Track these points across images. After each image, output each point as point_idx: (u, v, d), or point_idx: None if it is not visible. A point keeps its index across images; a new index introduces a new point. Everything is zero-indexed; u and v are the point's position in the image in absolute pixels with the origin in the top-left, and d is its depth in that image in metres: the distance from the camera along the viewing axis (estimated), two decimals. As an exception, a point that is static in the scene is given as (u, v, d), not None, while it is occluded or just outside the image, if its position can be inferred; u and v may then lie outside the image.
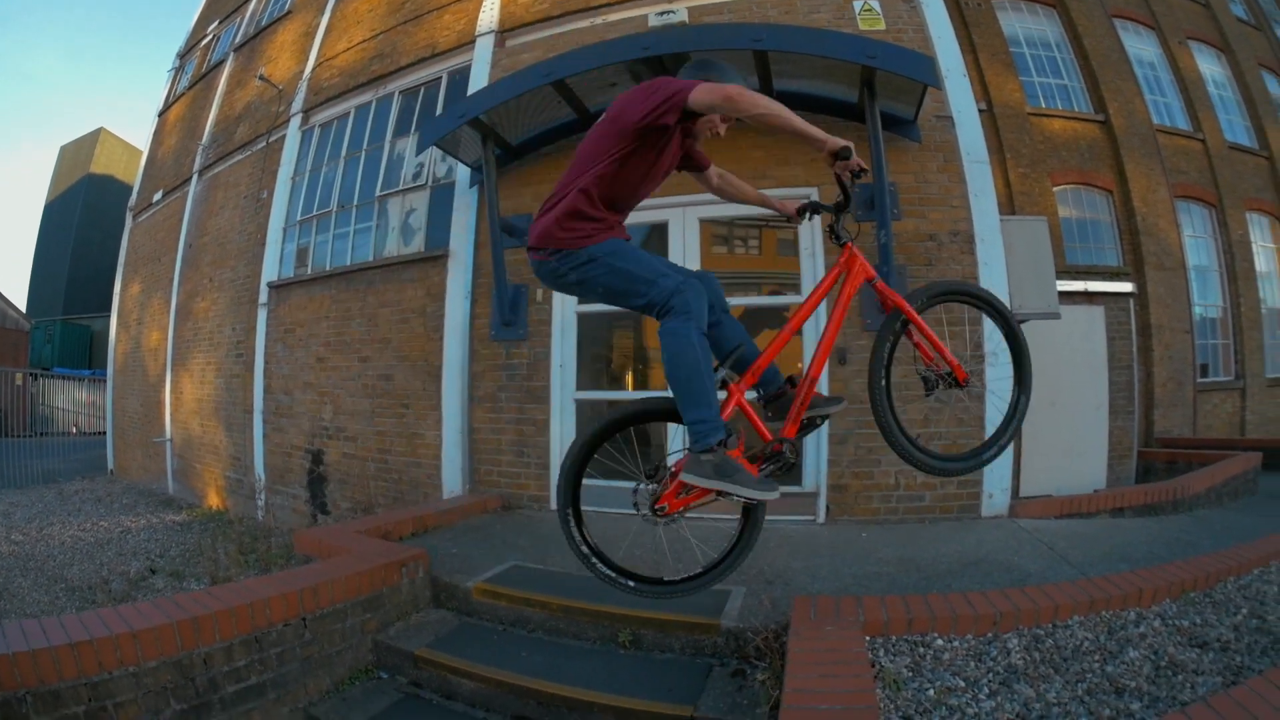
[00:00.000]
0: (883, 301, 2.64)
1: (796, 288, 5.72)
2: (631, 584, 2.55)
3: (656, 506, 2.44)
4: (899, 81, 5.12)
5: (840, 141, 2.23)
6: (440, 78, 7.69)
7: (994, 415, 4.86)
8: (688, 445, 2.33)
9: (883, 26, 6.09)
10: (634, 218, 6.30)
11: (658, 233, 6.11)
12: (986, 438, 2.95)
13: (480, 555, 4.22)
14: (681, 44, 5.26)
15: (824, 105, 5.78)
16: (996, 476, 5.20)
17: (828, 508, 5.38)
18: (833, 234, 2.65)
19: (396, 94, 8.07)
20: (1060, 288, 7.31)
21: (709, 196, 5.87)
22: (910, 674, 2.42)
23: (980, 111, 9.75)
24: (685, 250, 5.99)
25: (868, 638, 2.62)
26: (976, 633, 2.68)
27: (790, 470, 2.50)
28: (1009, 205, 9.49)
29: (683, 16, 6.39)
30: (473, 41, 7.22)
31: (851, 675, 2.23)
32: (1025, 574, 3.56)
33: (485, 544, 4.53)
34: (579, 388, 6.17)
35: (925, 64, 5.07)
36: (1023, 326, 2.89)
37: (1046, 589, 2.96)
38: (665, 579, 2.57)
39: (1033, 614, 2.76)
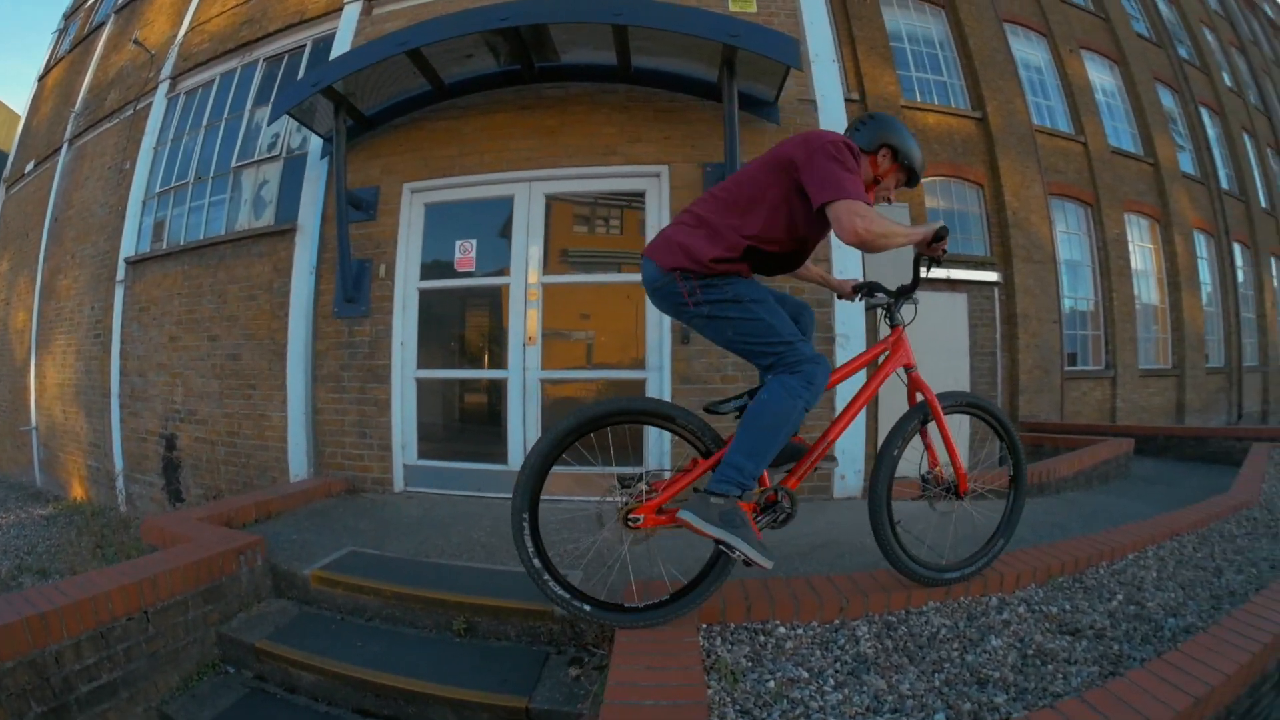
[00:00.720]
0: (911, 390, 2.61)
1: (633, 260, 5.64)
2: (588, 609, 2.37)
3: (631, 517, 2.30)
4: (760, 62, 5.06)
5: (935, 225, 2.28)
6: (305, 45, 7.44)
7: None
8: (705, 485, 2.23)
9: (754, 9, 6.06)
10: (475, 192, 6.20)
11: (499, 208, 5.96)
12: (981, 545, 2.90)
13: (320, 541, 4.06)
14: (539, 15, 5.11)
15: (684, 84, 5.72)
16: (849, 458, 5.16)
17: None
18: (887, 314, 2.63)
19: (261, 61, 7.80)
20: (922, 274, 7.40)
21: (558, 170, 5.83)
22: (750, 664, 2.23)
23: (853, 101, 9.98)
24: (529, 229, 5.85)
25: (704, 625, 2.46)
26: (822, 619, 2.52)
27: (785, 524, 2.44)
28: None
29: None
30: (340, 9, 7.01)
31: (679, 667, 2.06)
32: (879, 557, 3.47)
33: (326, 530, 4.36)
34: (420, 366, 5.99)
35: (788, 45, 5.01)
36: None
37: (898, 574, 2.78)
38: (626, 605, 2.40)
39: (883, 600, 2.61)
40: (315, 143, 6.54)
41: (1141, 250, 12.45)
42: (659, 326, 5.52)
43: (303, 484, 5.62)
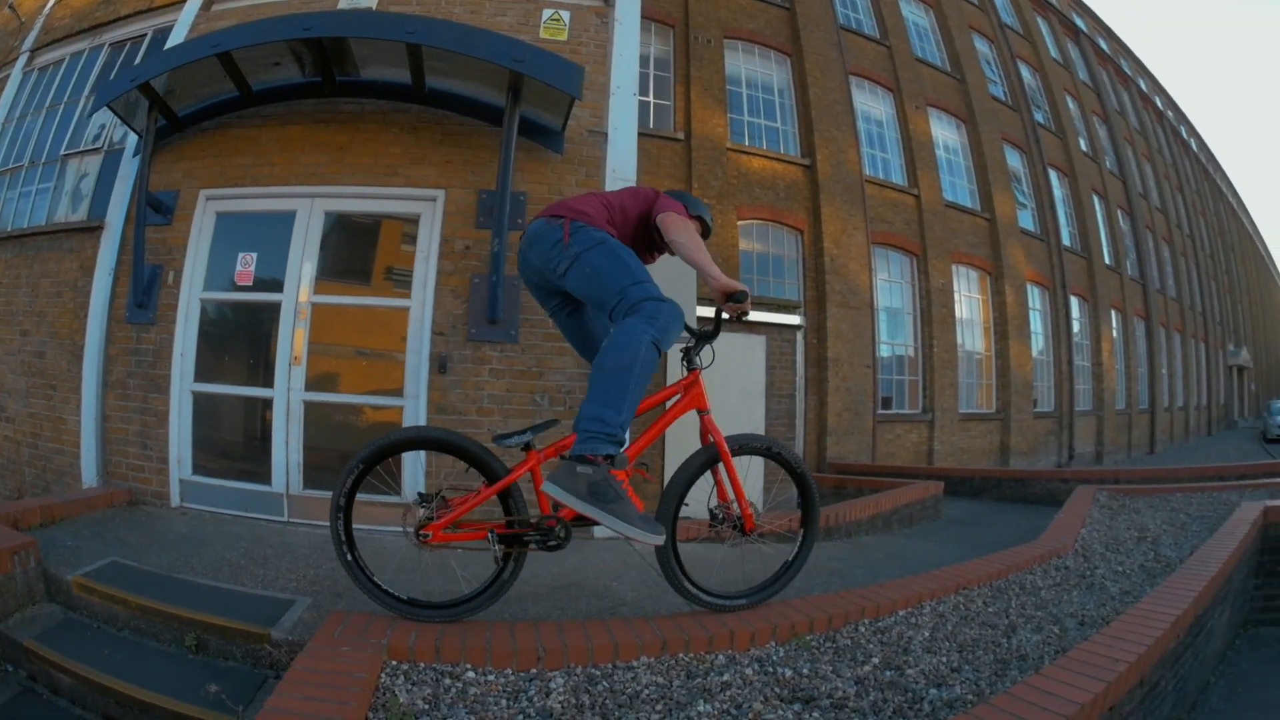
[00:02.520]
0: (703, 432, 2.60)
1: (408, 286, 5.48)
2: (392, 601, 2.47)
3: (421, 533, 2.35)
4: (546, 90, 4.97)
5: (737, 286, 2.38)
6: (146, 34, 7.09)
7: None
8: (571, 451, 2.16)
9: (564, 38, 5.97)
10: (261, 204, 5.96)
11: (282, 223, 5.75)
12: (769, 575, 2.84)
13: (90, 549, 3.98)
14: (340, 28, 5.00)
15: (476, 108, 5.60)
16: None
17: None
18: (685, 356, 2.62)
19: (106, 46, 7.39)
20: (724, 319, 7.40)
21: (341, 188, 5.65)
22: (426, 707, 2.06)
23: (678, 140, 10.18)
24: (306, 246, 5.65)
25: (394, 662, 2.31)
26: (518, 667, 2.31)
27: (555, 549, 2.47)
28: None
29: (372, 4, 6.19)
30: (184, 1, 6.77)
31: (336, 701, 1.92)
32: (619, 601, 3.17)
33: (99, 538, 4.28)
34: (198, 379, 5.72)
35: (572, 74, 4.94)
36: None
37: (613, 624, 2.55)
38: (425, 602, 2.50)
39: (584, 651, 2.35)
40: (132, 139, 6.23)
41: (969, 300, 12.94)
42: (418, 353, 5.38)
43: (89, 492, 5.34)
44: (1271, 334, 50.93)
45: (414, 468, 5.16)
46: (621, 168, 5.77)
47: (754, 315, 7.89)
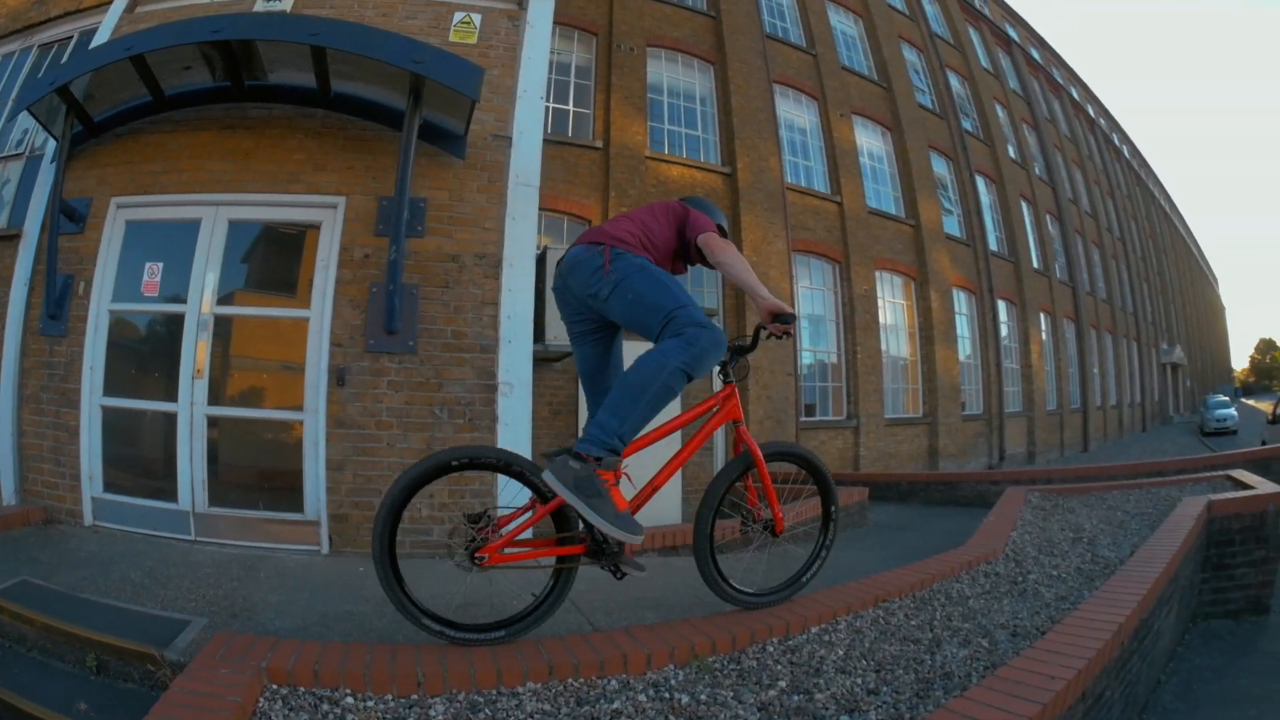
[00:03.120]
0: (736, 440, 2.70)
1: (307, 294, 5.27)
2: (436, 626, 2.38)
3: (477, 555, 2.30)
4: (446, 93, 4.81)
5: (785, 307, 2.50)
6: (73, 36, 6.82)
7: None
8: (576, 446, 2.25)
9: (474, 41, 5.79)
10: (169, 212, 5.74)
11: (186, 232, 5.53)
12: (793, 573, 2.97)
13: (2, 569, 3.87)
14: (247, 31, 4.81)
15: (381, 113, 5.42)
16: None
17: (330, 539, 4.91)
18: (722, 370, 2.70)
19: (35, 47, 7.09)
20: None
21: (245, 195, 5.42)
22: None
23: (595, 149, 10.11)
24: (210, 255, 5.43)
25: (274, 685, 2.20)
26: (398, 693, 2.21)
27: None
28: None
29: (286, 6, 5.99)
30: (111, 1, 6.49)
31: None
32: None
33: (12, 557, 4.18)
34: (107, 393, 5.47)
35: (471, 76, 4.78)
36: (567, 358, 2.69)
37: (499, 648, 2.44)
38: (466, 624, 2.42)
39: (465, 677, 2.24)
40: (52, 145, 5.97)
41: (894, 306, 13.08)
42: (317, 366, 5.18)
43: (5, 510, 5.11)
44: (1205, 332, 52.77)
45: (316, 485, 4.99)
46: (526, 173, 5.61)
47: None
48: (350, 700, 2.16)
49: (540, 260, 5.79)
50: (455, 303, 5.01)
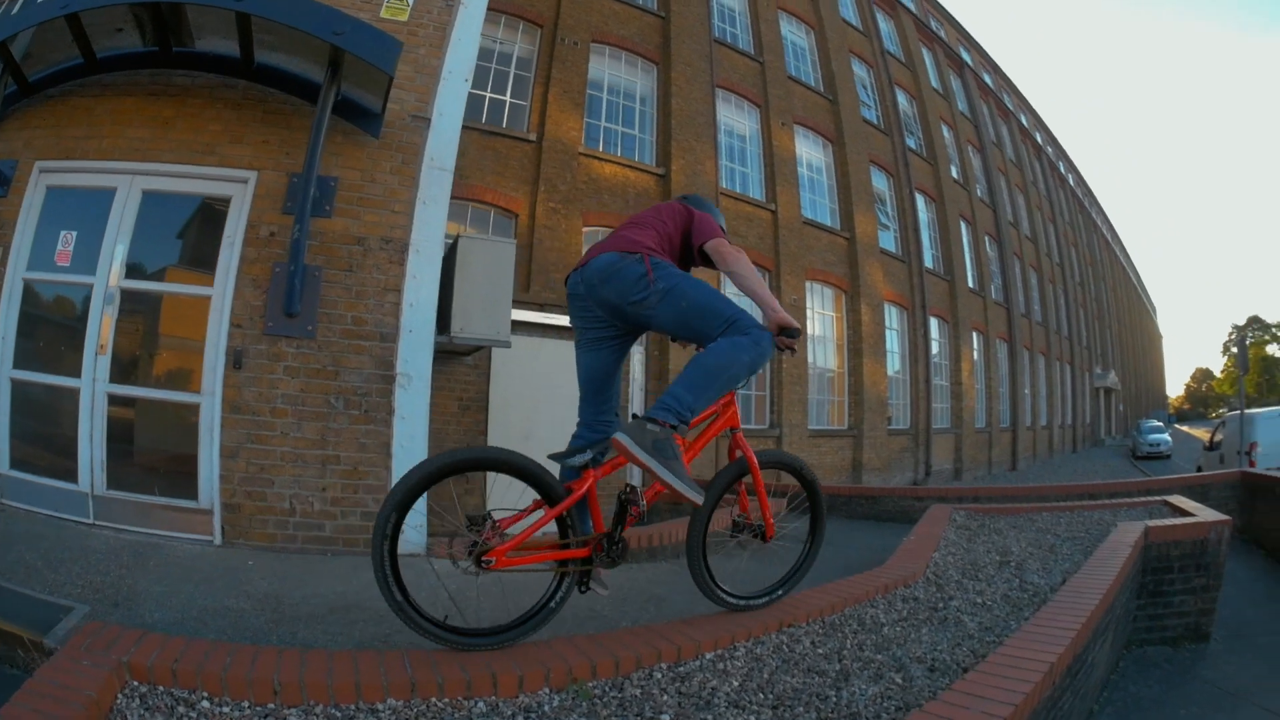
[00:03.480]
0: (731, 448, 2.74)
1: (211, 270, 5.02)
2: (439, 632, 2.30)
3: (484, 559, 2.25)
4: (365, 67, 4.65)
5: (794, 322, 2.50)
6: None
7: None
8: (648, 412, 2.26)
9: (405, 18, 5.57)
10: (88, 179, 5.35)
11: (101, 201, 5.25)
12: (780, 577, 3.03)
13: None
14: None
15: (301, 87, 5.19)
16: (414, 510, 4.70)
17: (223, 529, 4.66)
18: None
19: None
20: (549, 320, 7.06)
21: (161, 165, 5.08)
22: None
23: (528, 141, 9.92)
24: (121, 226, 5.16)
25: (135, 682, 2.08)
26: (255, 700, 2.06)
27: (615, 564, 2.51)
28: (529, 233, 9.64)
29: None
30: None
31: (60, 718, 1.77)
32: (397, 629, 2.88)
33: None
34: (18, 365, 5.17)
35: (388, 49, 4.61)
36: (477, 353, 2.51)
37: (362, 658, 2.28)
38: (469, 629, 2.37)
39: (323, 689, 2.07)
40: None
41: (823, 317, 13.18)
42: (216, 347, 4.94)
43: None
44: (1141, 358, 54.64)
45: (210, 473, 4.74)
46: (440, 156, 5.47)
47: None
48: (206, 704, 2.05)
49: (451, 249, 5.65)
50: (358, 287, 4.85)
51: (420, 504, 2.43)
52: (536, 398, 7.09)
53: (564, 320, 7.43)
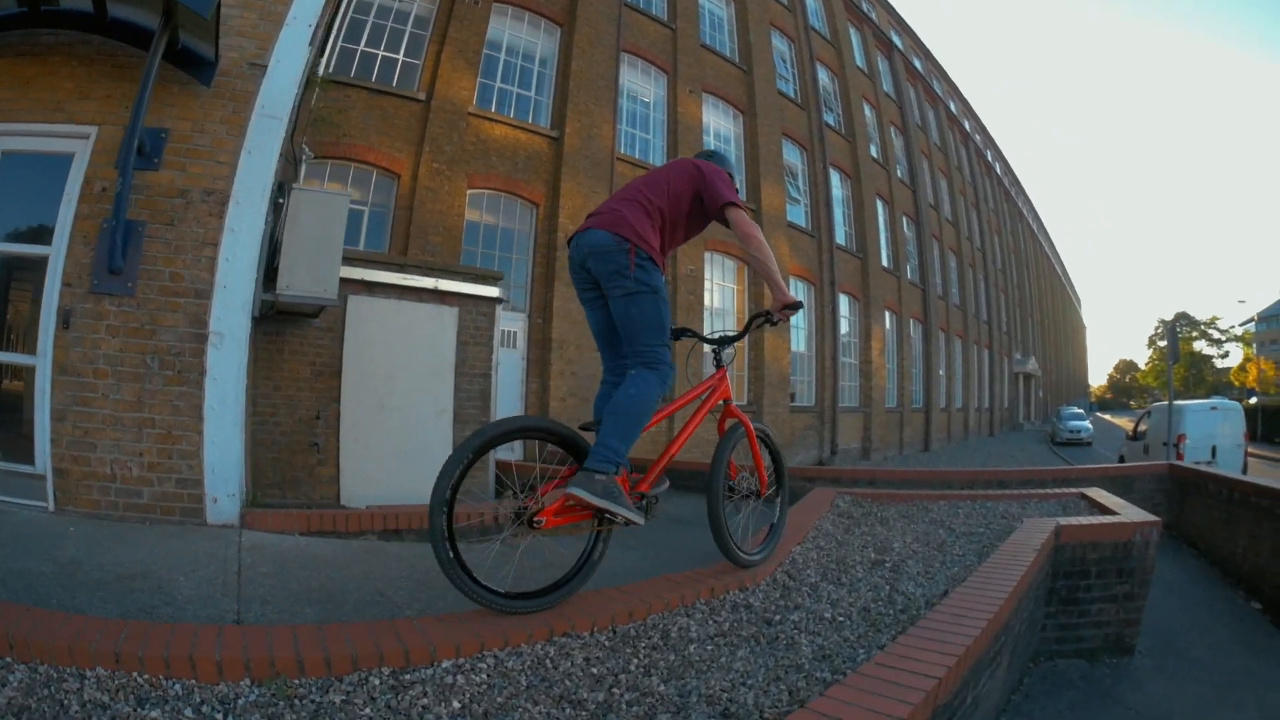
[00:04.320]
0: (724, 415, 3.04)
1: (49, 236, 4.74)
2: (497, 599, 2.37)
3: (535, 520, 2.40)
4: (192, 13, 4.41)
5: (798, 300, 2.82)
6: None
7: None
8: (585, 463, 2.45)
9: None
10: None
11: None
12: (764, 538, 3.23)
13: None
14: None
15: (145, 39, 4.92)
16: (221, 479, 4.39)
17: (55, 495, 4.35)
18: (716, 357, 3.10)
19: None
20: (408, 281, 6.66)
21: (16, 125, 4.87)
22: None
23: (417, 100, 9.58)
24: None
25: None
26: None
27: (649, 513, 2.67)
28: (410, 195, 9.32)
29: None
30: None
31: None
32: (171, 600, 2.70)
33: None
34: None
35: None
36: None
37: (98, 623, 2.12)
38: (519, 593, 2.44)
39: (45, 648, 1.93)
40: None
41: (723, 289, 13.12)
42: (49, 307, 4.65)
43: None
44: (1064, 347, 56.77)
45: (43, 436, 4.30)
46: (273, 105, 5.19)
47: (447, 285, 7.47)
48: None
49: (276, 200, 5.36)
50: (177, 242, 4.62)
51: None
52: (393, 364, 6.81)
53: (426, 282, 7.23)
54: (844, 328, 16.93)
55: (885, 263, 19.25)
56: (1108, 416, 56.56)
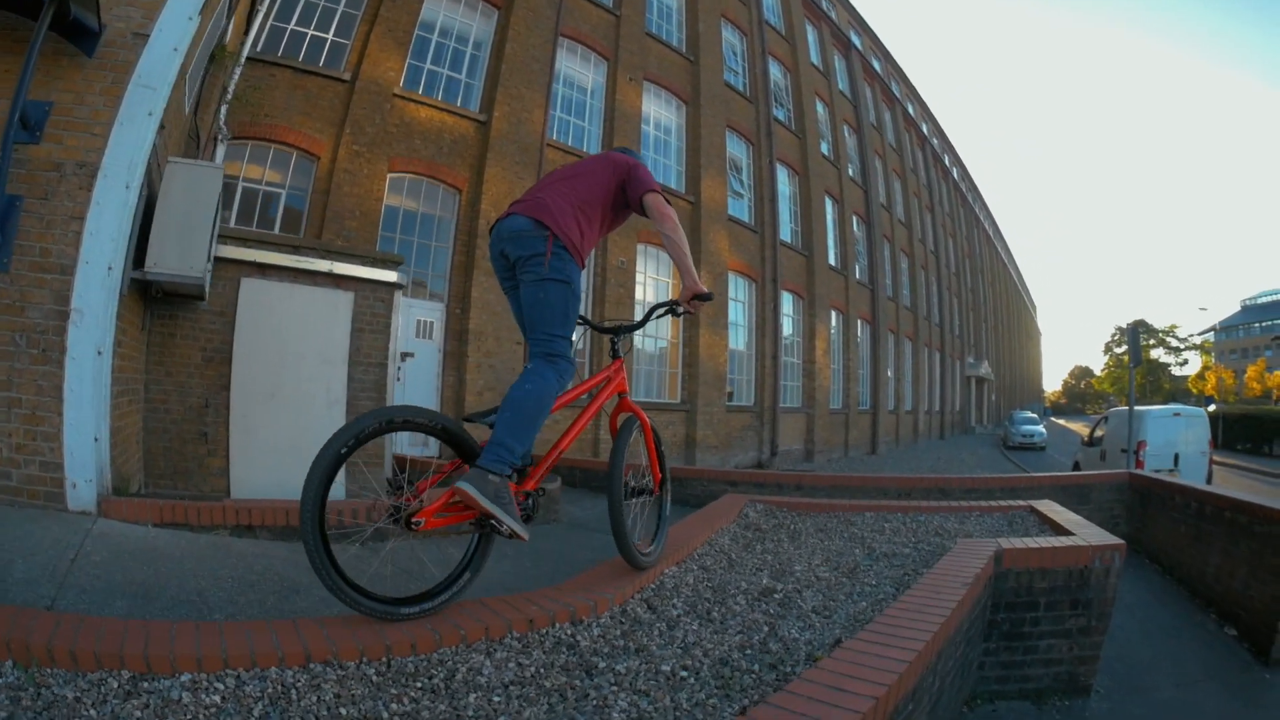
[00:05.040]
0: (617, 410, 3.03)
1: None
2: (373, 605, 2.18)
3: (413, 520, 2.23)
4: None
5: (708, 291, 2.84)
6: None
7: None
8: (478, 460, 2.37)
9: None
10: None
11: None
12: (653, 532, 3.14)
13: None
14: None
15: (30, 5, 4.77)
16: (80, 464, 4.22)
17: None
18: (612, 347, 3.07)
19: None
20: (300, 264, 6.32)
21: None
22: None
23: (341, 81, 9.35)
24: None
25: None
26: None
27: (530, 518, 2.56)
28: (328, 177, 9.05)
29: None
30: None
31: None
32: (1, 582, 2.60)
33: None
34: None
35: None
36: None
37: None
38: (394, 597, 2.27)
39: None
40: None
41: (656, 283, 12.90)
42: None
43: None
44: (1018, 352, 57.85)
45: None
46: (151, 76, 5.09)
47: (343, 268, 7.13)
48: None
49: (148, 175, 5.18)
50: (49, 216, 4.51)
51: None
52: (284, 351, 6.52)
53: (320, 264, 6.89)
54: (787, 326, 16.80)
55: (832, 261, 19.21)
56: (1062, 421, 57.67)
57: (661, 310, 3.00)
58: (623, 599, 2.64)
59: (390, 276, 7.26)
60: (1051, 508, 4.31)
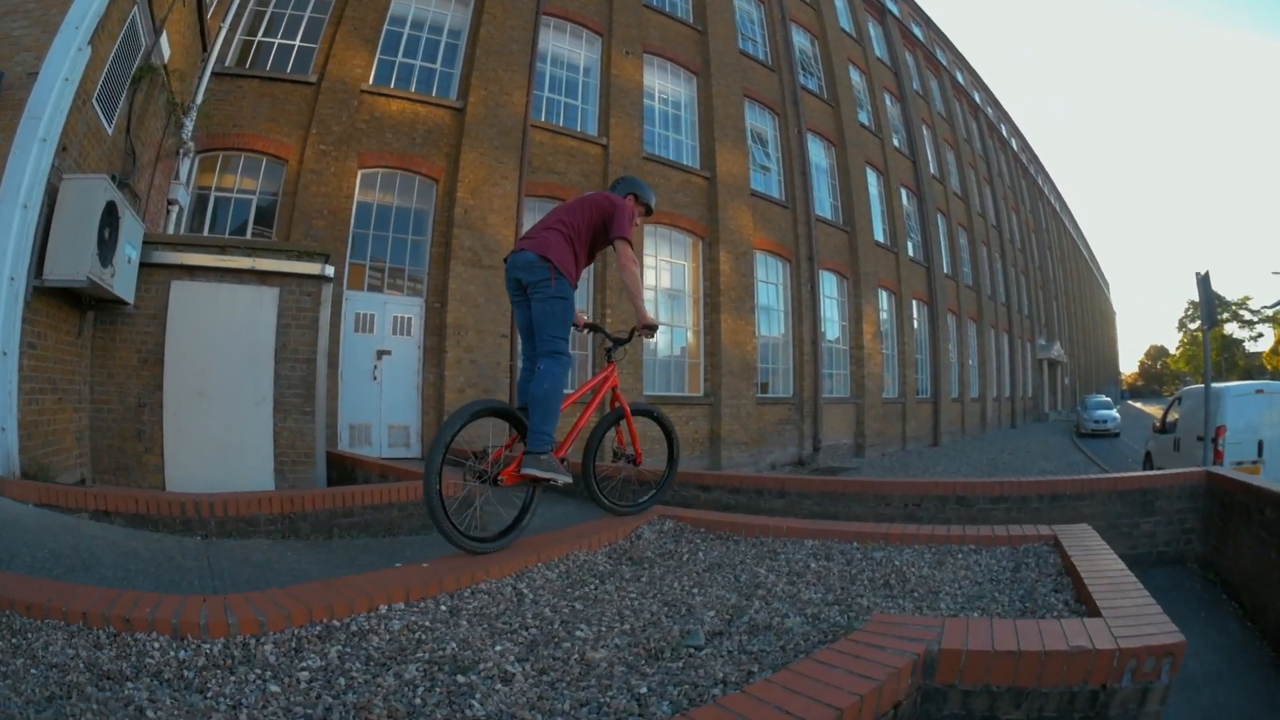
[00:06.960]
0: (610, 401, 3.87)
1: None
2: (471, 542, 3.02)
3: (499, 478, 3.12)
4: None
5: (656, 321, 3.95)
6: None
7: None
8: (528, 448, 3.21)
9: None
10: None
11: None
12: (645, 497, 4.03)
13: None
14: None
15: None
16: None
17: None
18: (608, 355, 3.88)
19: None
20: (227, 264, 6.39)
21: None
22: None
23: (307, 84, 9.18)
24: None
25: None
26: None
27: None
28: (295, 180, 8.92)
29: None
30: None
31: None
32: None
33: None
34: None
35: None
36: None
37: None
38: (482, 537, 3.13)
39: None
40: None
41: (673, 267, 11.86)
42: None
43: None
44: (1092, 333, 54.38)
45: None
46: (38, 106, 5.50)
47: (266, 264, 6.89)
48: None
49: (53, 195, 5.51)
50: None
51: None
52: (211, 350, 6.58)
53: (243, 262, 6.58)
54: (829, 310, 15.41)
55: (880, 237, 17.75)
56: (1139, 405, 54.14)
57: (635, 333, 3.74)
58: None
59: (315, 269, 7.15)
60: (1084, 542, 2.95)
